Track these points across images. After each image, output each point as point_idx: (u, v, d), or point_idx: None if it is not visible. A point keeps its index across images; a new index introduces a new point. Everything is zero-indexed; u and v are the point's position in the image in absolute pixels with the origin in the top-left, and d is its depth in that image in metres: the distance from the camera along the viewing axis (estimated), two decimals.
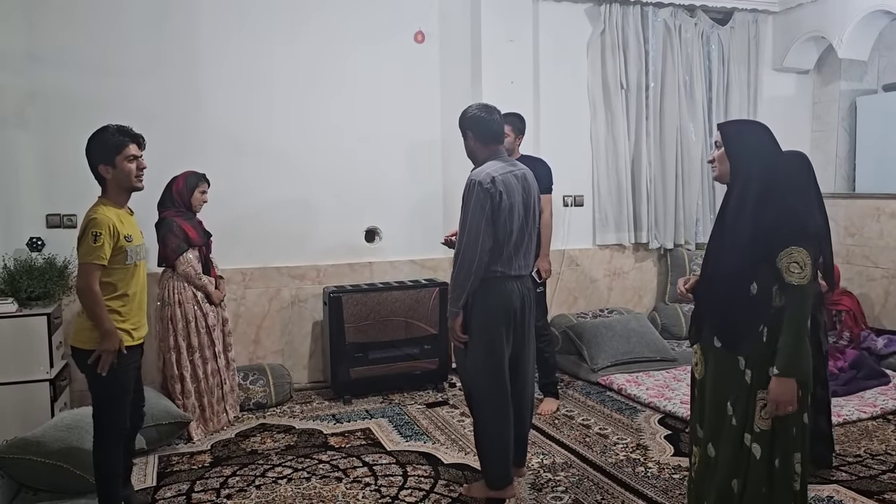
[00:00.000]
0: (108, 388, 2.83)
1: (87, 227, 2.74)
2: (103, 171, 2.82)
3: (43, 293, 4.03)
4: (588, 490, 3.30)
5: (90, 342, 2.79)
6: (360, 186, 5.07)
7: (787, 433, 2.22)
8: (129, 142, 2.83)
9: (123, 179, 2.83)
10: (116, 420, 2.87)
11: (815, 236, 2.22)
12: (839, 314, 5.17)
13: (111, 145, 2.80)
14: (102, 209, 2.81)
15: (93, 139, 2.85)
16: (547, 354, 4.42)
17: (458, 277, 3.09)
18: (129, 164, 2.82)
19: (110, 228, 2.76)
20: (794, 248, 2.16)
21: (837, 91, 6.13)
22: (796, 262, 2.16)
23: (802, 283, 2.15)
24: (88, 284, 2.73)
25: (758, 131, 2.36)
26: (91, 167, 2.86)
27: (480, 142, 3.22)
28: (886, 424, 4.04)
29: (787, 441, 2.22)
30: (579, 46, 5.58)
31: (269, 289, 4.91)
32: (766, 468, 2.23)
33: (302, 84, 4.89)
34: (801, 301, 2.17)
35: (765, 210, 2.21)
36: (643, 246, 5.86)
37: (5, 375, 3.79)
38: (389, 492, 3.30)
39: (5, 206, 4.33)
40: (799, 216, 2.20)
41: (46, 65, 4.33)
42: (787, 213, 2.20)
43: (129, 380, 2.90)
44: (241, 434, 4.08)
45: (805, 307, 2.17)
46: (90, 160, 2.85)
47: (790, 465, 2.22)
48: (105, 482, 2.87)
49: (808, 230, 2.18)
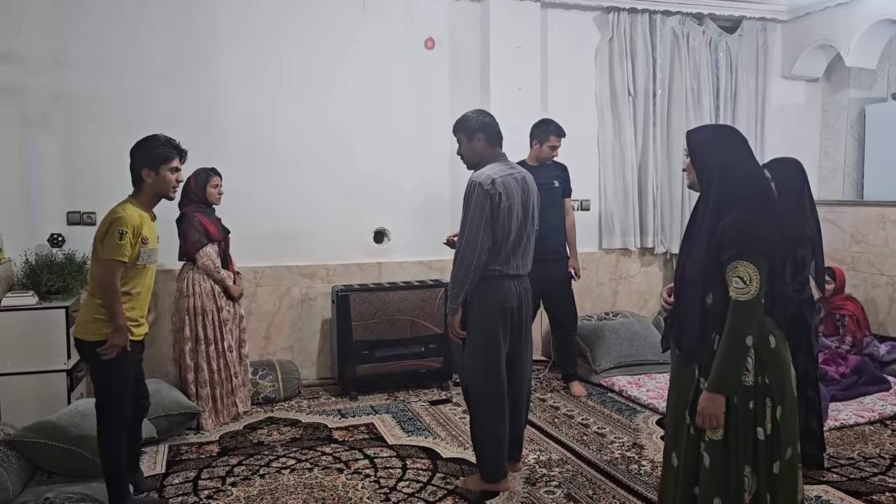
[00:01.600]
0: (110, 379, 2.97)
1: (113, 224, 2.89)
2: (146, 174, 3.00)
3: (62, 287, 4.19)
4: (581, 485, 3.39)
5: (94, 334, 2.94)
6: (369, 189, 5.20)
7: (738, 445, 2.18)
8: (176, 155, 3.05)
9: (162, 187, 3.04)
10: (118, 409, 3.00)
11: (765, 251, 2.14)
12: (842, 319, 5.20)
13: (159, 155, 3.01)
14: (130, 208, 2.98)
15: (143, 143, 3.04)
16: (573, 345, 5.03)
17: (457, 275, 3.20)
18: (171, 175, 3.04)
19: (134, 228, 2.91)
20: (740, 262, 2.12)
21: (846, 99, 6.17)
22: (740, 276, 2.12)
23: (743, 298, 2.11)
24: (111, 280, 2.87)
25: (721, 139, 2.31)
26: (133, 168, 3.03)
27: (489, 144, 3.34)
28: (883, 429, 4.09)
29: (738, 453, 2.18)
30: (587, 53, 5.67)
31: (280, 287, 5.05)
32: (719, 478, 2.21)
33: (313, 88, 5.03)
34: (741, 316, 2.12)
35: (719, 221, 2.18)
36: (649, 251, 5.92)
37: (25, 365, 3.95)
38: (388, 483, 3.41)
39: (28, 204, 4.51)
40: (747, 230, 2.14)
41: (69, 68, 4.51)
42: (736, 225, 2.15)
43: (130, 372, 3.04)
44: (249, 426, 4.21)
45: (742, 323, 2.12)
46: (134, 161, 3.03)
47: (740, 478, 2.18)
48: (110, 467, 3.00)
49: (755, 245, 2.13)
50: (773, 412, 2.20)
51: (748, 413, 2.18)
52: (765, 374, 2.19)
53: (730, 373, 2.15)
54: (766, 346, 2.20)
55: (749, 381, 2.18)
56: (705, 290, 2.22)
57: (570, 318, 4.91)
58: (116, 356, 2.92)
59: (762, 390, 2.19)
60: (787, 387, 2.24)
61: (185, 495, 3.30)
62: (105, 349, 2.90)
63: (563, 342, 4.94)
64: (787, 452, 2.23)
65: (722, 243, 2.16)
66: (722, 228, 2.17)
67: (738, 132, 2.35)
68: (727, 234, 2.15)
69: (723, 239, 2.16)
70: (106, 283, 2.88)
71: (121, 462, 3.03)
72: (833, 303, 5.26)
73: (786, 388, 2.23)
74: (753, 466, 2.19)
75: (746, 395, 2.18)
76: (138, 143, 3.04)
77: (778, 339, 2.24)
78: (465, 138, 3.36)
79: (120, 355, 2.93)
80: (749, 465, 2.19)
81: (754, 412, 2.19)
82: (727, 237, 2.15)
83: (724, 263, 2.16)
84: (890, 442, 3.89)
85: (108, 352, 2.90)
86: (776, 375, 2.21)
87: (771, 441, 2.20)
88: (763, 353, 2.19)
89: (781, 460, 2.22)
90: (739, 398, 2.18)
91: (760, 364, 2.19)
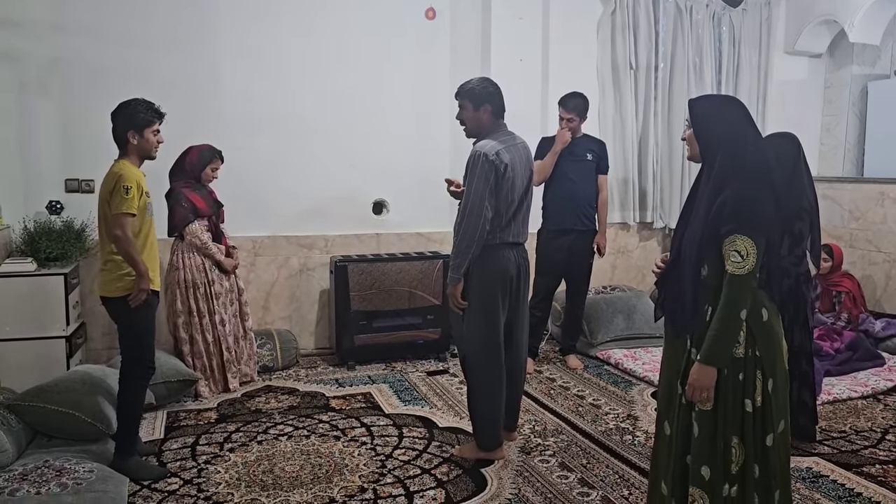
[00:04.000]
0: (139, 328, 3.18)
1: (118, 181, 3.05)
2: (131, 136, 3.16)
3: (61, 254, 4.20)
4: (575, 455, 3.43)
5: (119, 290, 3.13)
6: (369, 160, 5.19)
7: (726, 416, 2.20)
8: (157, 119, 3.22)
9: (145, 148, 3.20)
10: (146, 357, 3.22)
11: (763, 226, 2.13)
12: (839, 295, 5.22)
13: (142, 118, 3.16)
14: (128, 166, 3.14)
15: (123, 107, 3.17)
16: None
17: (460, 245, 3.20)
18: (153, 137, 3.21)
19: (137, 183, 3.09)
20: (738, 236, 2.11)
21: (849, 75, 6.13)
22: (737, 250, 2.11)
23: (739, 272, 2.12)
24: (124, 232, 3.05)
25: (727, 111, 2.27)
26: (116, 131, 3.17)
27: (494, 115, 3.32)
28: (875, 403, 4.12)
29: (726, 423, 2.20)
30: (589, 26, 5.62)
31: (279, 257, 5.06)
32: (707, 447, 2.23)
33: (314, 58, 5.00)
34: (736, 290, 2.13)
35: (720, 193, 2.16)
36: (648, 225, 5.93)
37: (24, 331, 3.98)
38: (384, 451, 3.45)
39: (26, 171, 4.50)
40: (745, 204, 2.13)
41: (68, 33, 4.47)
42: (736, 199, 2.13)
43: (154, 320, 3.28)
44: (247, 394, 4.25)
45: (738, 297, 2.13)
46: (117, 125, 3.17)
47: (728, 448, 2.20)
48: (129, 420, 3.20)
49: (753, 219, 2.12)
50: (765, 384, 2.21)
51: (738, 384, 2.19)
52: (756, 346, 2.19)
53: (723, 346, 2.16)
54: (758, 319, 2.21)
55: (739, 353, 2.19)
56: (700, 262, 2.22)
57: (584, 292, 4.93)
58: (144, 303, 3.12)
59: (752, 362, 2.20)
60: (779, 360, 2.24)
61: (183, 460, 3.34)
62: (134, 296, 3.09)
63: (572, 314, 4.96)
64: (780, 425, 2.24)
65: (721, 217, 2.15)
66: (721, 202, 2.15)
67: (742, 104, 2.30)
68: (726, 208, 2.14)
69: (721, 212, 2.15)
70: (121, 236, 3.05)
71: (138, 417, 3.28)
72: (830, 279, 5.27)
73: (777, 361, 2.23)
74: (741, 437, 2.20)
75: (736, 366, 2.19)
76: (119, 107, 3.17)
77: (770, 312, 2.24)
78: (471, 106, 3.31)
79: (145, 304, 3.14)
80: (736, 436, 2.20)
81: (743, 384, 2.20)
82: (726, 211, 2.14)
83: (723, 237, 2.15)
84: (882, 416, 3.93)
85: (136, 298, 3.10)
86: (767, 348, 2.21)
87: (763, 413, 2.21)
88: (754, 326, 2.20)
89: (775, 433, 2.23)
90: (729, 370, 2.19)
91: (751, 336, 2.19)
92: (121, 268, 3.12)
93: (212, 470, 3.23)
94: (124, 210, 3.04)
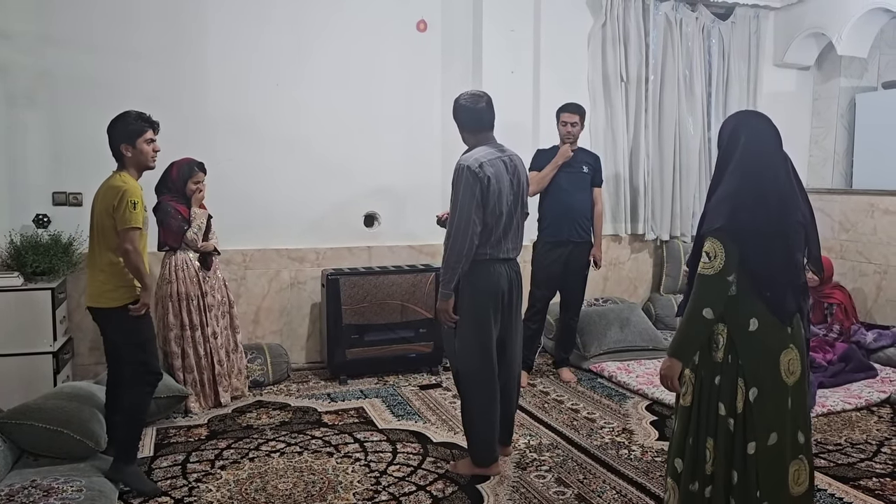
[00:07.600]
0: (144, 335, 3.21)
1: (124, 196, 3.04)
2: (124, 149, 3.14)
3: (48, 268, 4.14)
4: (571, 470, 3.39)
5: (119, 300, 3.13)
6: (360, 172, 5.16)
7: (700, 416, 2.29)
8: (148, 127, 3.20)
9: (141, 159, 3.19)
10: (152, 364, 3.23)
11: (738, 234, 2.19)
12: (830, 307, 5.24)
13: (133, 129, 3.14)
14: (130, 180, 3.14)
15: (117, 121, 3.16)
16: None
17: (449, 260, 3.18)
18: (147, 146, 3.19)
19: (140, 197, 3.11)
20: (709, 238, 2.21)
21: (837, 88, 6.18)
22: (706, 251, 2.21)
23: (705, 272, 2.20)
24: (134, 247, 3.07)
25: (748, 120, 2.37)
26: (112, 145, 3.16)
27: (466, 130, 3.34)
28: (870, 415, 4.12)
29: (699, 423, 2.29)
30: (580, 38, 5.64)
31: (269, 270, 5.01)
32: (679, 441, 2.34)
33: (304, 70, 4.97)
34: (698, 290, 2.22)
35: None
36: (639, 237, 5.93)
37: (10, 347, 3.91)
38: (378, 467, 3.40)
39: (13, 184, 4.43)
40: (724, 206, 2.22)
41: (56, 46, 4.42)
42: (717, 200, 2.25)
43: (153, 327, 3.33)
44: (238, 410, 4.18)
45: (700, 296, 2.21)
46: (112, 139, 3.15)
47: (700, 448, 2.29)
48: (134, 428, 3.20)
49: (726, 225, 2.19)
50: (747, 393, 2.23)
51: (713, 388, 2.28)
52: (737, 354, 2.24)
53: (684, 341, 2.27)
54: (741, 328, 2.24)
55: (718, 358, 2.27)
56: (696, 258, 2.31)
57: (579, 304, 4.92)
58: (144, 313, 3.16)
59: (733, 369, 2.25)
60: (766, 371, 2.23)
61: (173, 478, 3.27)
62: (138, 307, 3.12)
63: (567, 326, 4.95)
64: (769, 437, 2.22)
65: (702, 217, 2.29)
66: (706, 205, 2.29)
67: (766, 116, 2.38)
68: (708, 208, 2.27)
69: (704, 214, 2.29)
70: (131, 250, 3.05)
71: (142, 427, 3.31)
72: (821, 291, 5.28)
73: (762, 372, 2.23)
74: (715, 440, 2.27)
75: (713, 370, 2.28)
76: (112, 122, 3.17)
77: (764, 323, 2.23)
78: (456, 123, 3.37)
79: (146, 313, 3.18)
80: (711, 438, 2.28)
81: (719, 388, 2.27)
82: (708, 211, 2.26)
83: (702, 237, 2.26)
84: (877, 428, 3.92)
85: (139, 309, 3.12)
86: (751, 358, 2.23)
87: (744, 421, 2.23)
88: (736, 334, 2.24)
89: (758, 442, 2.22)
90: (706, 372, 2.29)
91: (731, 344, 2.25)
92: (122, 278, 3.12)
93: (203, 489, 3.17)
94: (133, 224, 3.04)
